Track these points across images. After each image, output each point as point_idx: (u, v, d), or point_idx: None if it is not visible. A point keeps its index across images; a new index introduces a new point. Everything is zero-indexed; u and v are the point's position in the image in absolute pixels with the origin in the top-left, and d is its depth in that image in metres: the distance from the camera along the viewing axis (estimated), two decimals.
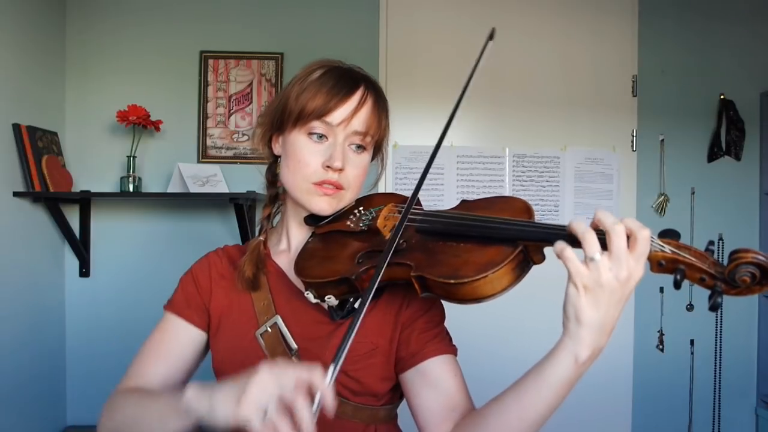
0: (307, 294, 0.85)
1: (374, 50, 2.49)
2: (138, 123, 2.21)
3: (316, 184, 0.89)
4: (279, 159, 0.96)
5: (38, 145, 2.11)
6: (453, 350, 0.91)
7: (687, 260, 0.64)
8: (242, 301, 0.94)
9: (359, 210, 0.94)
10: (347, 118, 0.88)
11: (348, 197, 0.93)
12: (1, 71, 1.96)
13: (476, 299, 0.72)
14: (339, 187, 0.90)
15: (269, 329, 0.90)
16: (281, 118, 0.92)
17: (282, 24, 2.46)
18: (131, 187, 2.27)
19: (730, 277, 0.61)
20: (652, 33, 2.55)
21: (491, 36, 0.86)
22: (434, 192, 2.51)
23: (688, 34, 2.56)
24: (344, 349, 0.64)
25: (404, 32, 2.51)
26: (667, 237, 0.66)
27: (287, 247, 0.99)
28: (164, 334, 0.95)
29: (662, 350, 2.53)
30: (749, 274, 0.60)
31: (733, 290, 0.62)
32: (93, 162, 2.39)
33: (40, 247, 2.22)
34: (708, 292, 0.63)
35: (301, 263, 0.88)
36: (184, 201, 2.41)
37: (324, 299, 0.84)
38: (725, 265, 0.62)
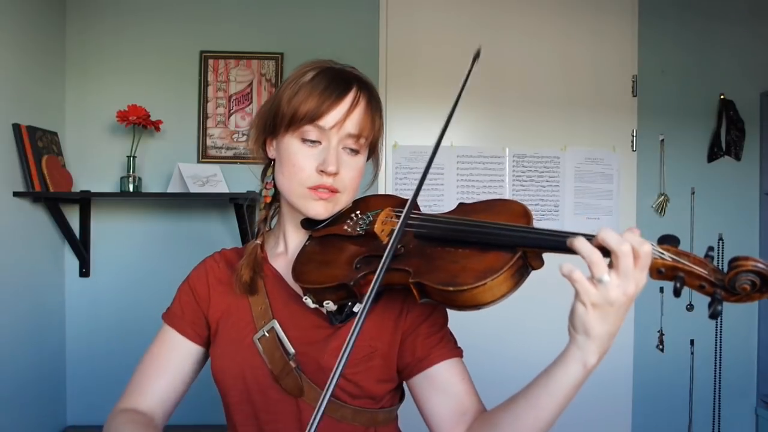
0: (306, 299, 0.85)
1: (374, 50, 2.49)
2: (138, 123, 2.21)
3: (311, 189, 0.88)
4: (274, 162, 0.95)
5: (38, 145, 2.11)
6: (459, 353, 0.91)
7: (686, 267, 0.64)
8: (240, 306, 0.93)
9: (356, 214, 0.92)
10: (340, 121, 0.86)
11: (344, 200, 0.92)
12: (1, 71, 1.96)
13: (475, 306, 0.72)
14: (334, 191, 0.89)
15: (267, 334, 0.89)
16: (274, 122, 0.91)
17: (282, 24, 2.46)
18: (131, 187, 2.27)
19: (730, 285, 0.61)
20: (652, 33, 2.55)
21: (477, 55, 0.84)
22: (434, 192, 2.51)
23: (688, 34, 2.56)
24: (345, 357, 0.62)
25: (404, 32, 2.51)
26: (667, 243, 0.66)
27: (284, 250, 0.98)
28: (162, 349, 0.95)
29: (662, 350, 2.53)
30: (749, 282, 0.60)
31: (733, 297, 0.63)
32: (93, 162, 2.39)
33: (40, 247, 2.22)
34: (707, 298, 0.64)
35: (299, 268, 0.88)
36: (184, 201, 2.41)
37: (323, 304, 0.84)
38: (725, 272, 0.62)
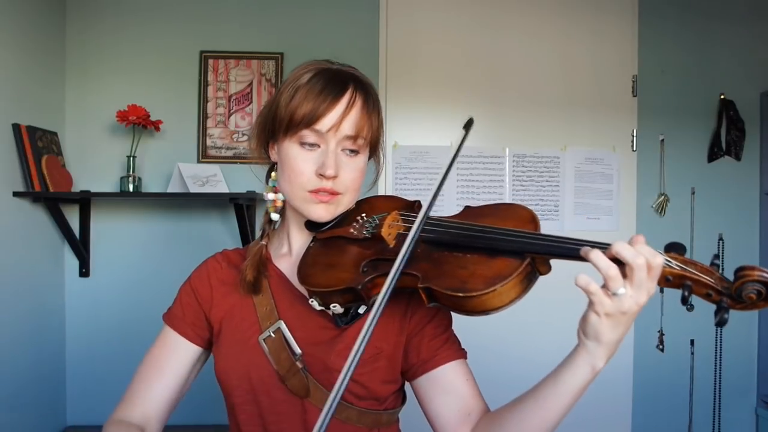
0: (312, 301, 0.85)
1: (374, 50, 2.48)
2: (138, 123, 2.21)
3: (312, 192, 0.87)
4: (277, 164, 0.95)
5: (38, 145, 2.11)
6: (463, 354, 0.91)
7: (694, 276, 0.65)
8: (244, 306, 0.93)
9: (362, 216, 0.91)
10: (336, 124, 0.85)
11: (346, 201, 0.91)
12: (1, 71, 1.96)
13: (484, 311, 0.73)
14: (335, 194, 0.88)
15: (272, 334, 0.89)
16: (273, 126, 0.91)
17: (282, 24, 2.46)
18: (131, 187, 2.27)
19: (737, 294, 0.62)
20: (652, 33, 2.55)
21: (469, 125, 0.82)
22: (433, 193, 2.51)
23: (688, 34, 2.56)
24: (356, 359, 0.61)
25: (404, 32, 2.51)
26: (674, 251, 0.67)
27: (288, 251, 0.98)
28: (162, 351, 0.95)
29: (662, 350, 2.53)
30: (755, 291, 0.62)
31: (738, 305, 0.64)
32: (93, 162, 2.39)
33: (40, 247, 2.22)
34: (711, 305, 0.65)
35: (304, 270, 0.87)
36: (184, 201, 2.41)
37: (329, 307, 0.84)
38: (731, 281, 0.63)
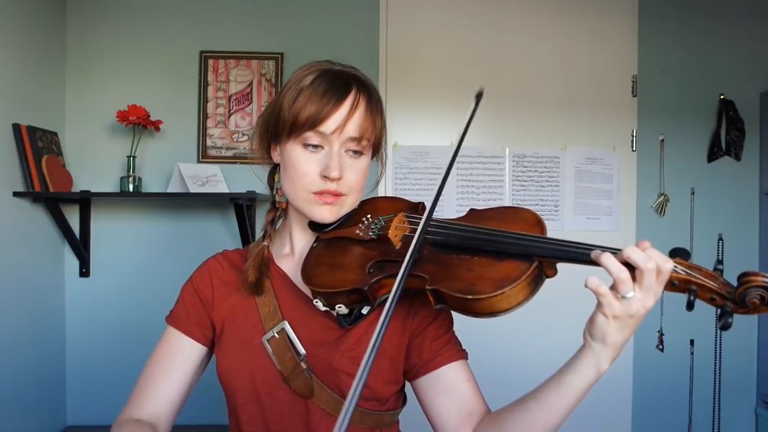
0: (317, 302, 0.85)
1: (374, 50, 2.48)
2: (138, 123, 2.21)
3: (316, 194, 0.88)
4: (279, 166, 0.95)
5: (38, 145, 2.11)
6: (465, 355, 0.92)
7: (699, 281, 0.66)
8: (246, 307, 0.93)
9: (367, 218, 0.92)
10: (341, 126, 0.85)
11: (350, 202, 0.91)
12: (1, 71, 1.96)
13: (492, 314, 0.74)
14: (339, 195, 0.88)
15: (276, 335, 0.89)
16: (276, 128, 0.90)
17: (282, 24, 2.46)
18: (131, 187, 2.27)
19: (740, 299, 0.63)
20: (652, 33, 2.55)
21: (479, 95, 0.83)
22: (434, 192, 2.51)
23: (688, 34, 2.56)
24: (361, 382, 0.58)
25: (404, 32, 2.51)
26: (679, 256, 0.68)
27: (291, 251, 0.98)
28: (168, 351, 0.94)
29: (662, 350, 2.53)
30: (759, 297, 0.63)
31: (741, 309, 0.65)
32: (93, 162, 2.39)
33: (40, 247, 2.22)
34: (712, 308, 0.66)
35: (309, 270, 0.87)
36: (184, 201, 2.41)
37: (334, 308, 0.84)
38: (734, 286, 0.64)
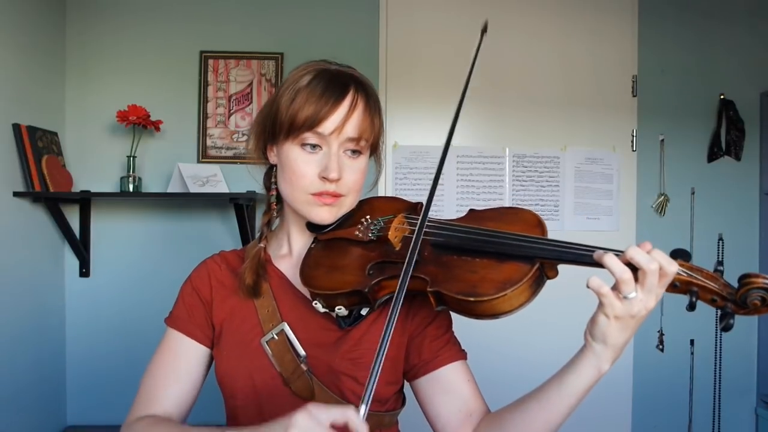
0: (316, 304, 0.84)
1: (374, 50, 2.48)
2: (138, 123, 2.21)
3: (315, 195, 0.87)
4: (275, 167, 0.94)
5: (38, 145, 2.11)
6: (464, 355, 0.92)
7: (700, 282, 0.66)
8: (244, 309, 0.92)
9: (366, 219, 0.91)
10: (339, 126, 0.85)
11: (348, 202, 0.91)
12: (1, 71, 1.96)
13: (493, 316, 0.73)
14: (338, 196, 0.88)
15: (276, 336, 0.88)
16: (273, 129, 0.89)
17: (282, 24, 2.46)
18: (131, 187, 2.27)
19: (741, 300, 0.64)
20: (652, 33, 2.55)
21: (485, 29, 0.84)
22: (434, 193, 2.51)
23: (688, 34, 2.56)
24: (373, 383, 0.61)
25: (404, 32, 2.51)
26: (680, 257, 0.68)
27: (288, 252, 0.97)
28: (171, 354, 0.93)
29: (662, 350, 2.53)
30: (760, 298, 0.63)
31: (742, 311, 0.65)
32: (93, 162, 2.39)
33: (40, 247, 2.22)
34: (712, 308, 0.66)
35: (308, 272, 0.87)
36: (184, 201, 2.41)
37: (334, 309, 0.83)
38: (735, 287, 0.64)
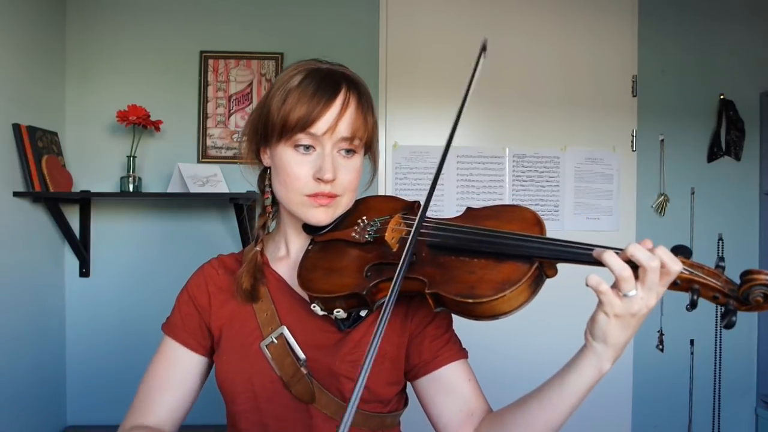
0: (314, 307, 0.84)
1: (374, 50, 2.48)
2: (138, 123, 2.21)
3: (310, 197, 0.86)
4: (269, 169, 0.93)
5: (38, 145, 2.11)
6: (465, 354, 0.91)
7: (702, 280, 0.65)
8: (243, 313, 0.91)
9: (363, 219, 0.90)
10: (332, 126, 0.84)
11: (344, 203, 0.90)
12: (1, 71, 1.96)
13: (493, 316, 0.73)
14: (333, 196, 0.87)
15: (275, 340, 0.87)
16: (265, 131, 0.88)
17: (282, 24, 2.46)
18: (131, 187, 2.27)
19: (743, 297, 0.63)
20: (652, 33, 2.55)
21: (484, 48, 0.81)
22: (434, 192, 2.51)
23: (688, 34, 2.56)
24: (360, 387, 0.59)
25: (404, 32, 2.51)
26: (681, 254, 0.67)
27: (286, 254, 0.96)
28: (166, 362, 0.92)
29: (662, 350, 2.53)
30: (762, 295, 0.62)
31: (744, 307, 0.64)
32: (93, 162, 2.39)
33: (40, 247, 2.22)
34: (710, 304, 0.66)
35: (305, 275, 0.86)
36: (184, 201, 2.41)
37: (332, 312, 0.83)
38: (736, 284, 0.64)
